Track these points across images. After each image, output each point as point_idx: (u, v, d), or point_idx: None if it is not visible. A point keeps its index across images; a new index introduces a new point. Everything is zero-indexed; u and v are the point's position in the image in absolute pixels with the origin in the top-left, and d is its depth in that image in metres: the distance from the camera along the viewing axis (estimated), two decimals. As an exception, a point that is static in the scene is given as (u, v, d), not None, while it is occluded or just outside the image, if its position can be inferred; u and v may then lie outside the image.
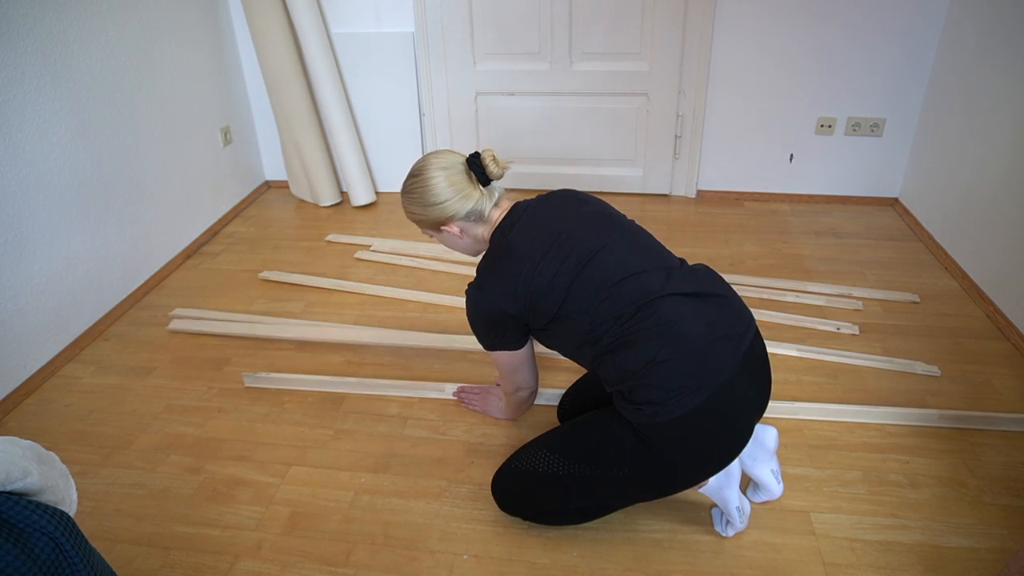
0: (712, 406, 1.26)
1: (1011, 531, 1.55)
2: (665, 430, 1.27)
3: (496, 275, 1.42)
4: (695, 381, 1.25)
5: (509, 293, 1.39)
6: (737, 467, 1.50)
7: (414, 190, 1.44)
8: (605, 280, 1.34)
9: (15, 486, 0.84)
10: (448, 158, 1.45)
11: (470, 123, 3.26)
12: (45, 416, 2.03)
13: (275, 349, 2.27)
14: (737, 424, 1.31)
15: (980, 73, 2.46)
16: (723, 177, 3.21)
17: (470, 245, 1.53)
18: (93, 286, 2.38)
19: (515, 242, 1.42)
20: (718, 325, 1.31)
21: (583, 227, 1.41)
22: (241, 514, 1.67)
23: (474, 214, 1.45)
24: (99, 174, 2.38)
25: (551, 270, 1.36)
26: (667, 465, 1.32)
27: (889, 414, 1.88)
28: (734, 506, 1.49)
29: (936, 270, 2.60)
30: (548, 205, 1.48)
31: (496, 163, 1.45)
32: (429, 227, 1.49)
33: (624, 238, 1.41)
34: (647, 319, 1.30)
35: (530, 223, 1.43)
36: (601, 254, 1.37)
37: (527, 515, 1.58)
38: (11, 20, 2.01)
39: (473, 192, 1.44)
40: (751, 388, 1.32)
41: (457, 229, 1.47)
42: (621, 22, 2.93)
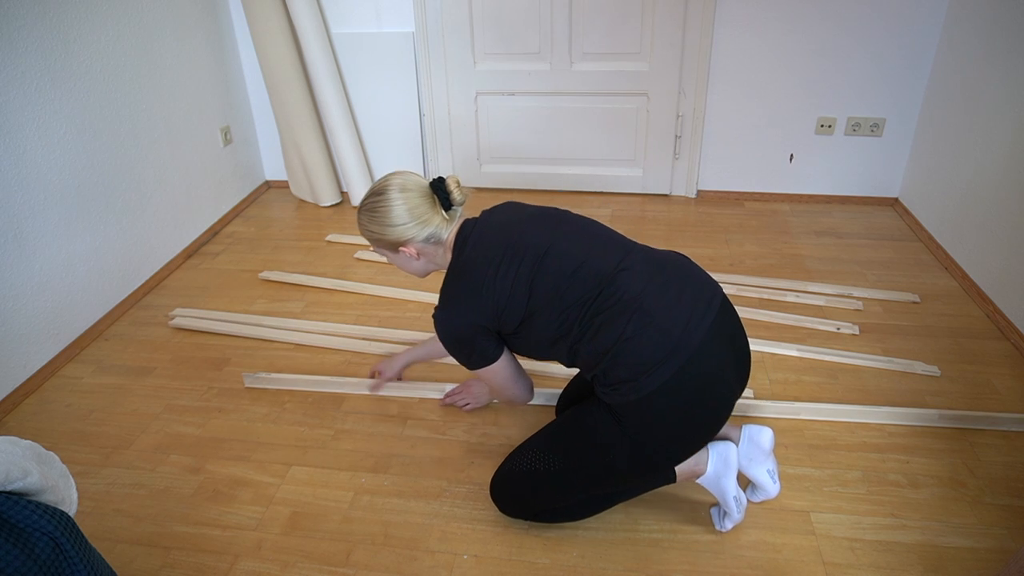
0: (686, 376, 1.27)
1: (1011, 531, 1.55)
2: (643, 407, 1.29)
3: (459, 294, 1.41)
4: (664, 354, 1.26)
5: (476, 307, 1.39)
6: (735, 457, 1.50)
7: (375, 210, 1.42)
8: (562, 271, 1.36)
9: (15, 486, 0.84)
10: (412, 180, 1.44)
11: (470, 123, 3.26)
12: (45, 416, 2.03)
13: (275, 349, 2.27)
14: (715, 392, 1.31)
15: (980, 73, 2.46)
16: (723, 177, 3.21)
17: (423, 267, 1.52)
18: (93, 286, 2.38)
19: (471, 257, 1.41)
20: (682, 296, 1.32)
21: (532, 228, 1.42)
22: (241, 514, 1.67)
23: (432, 238, 1.44)
24: (99, 174, 2.38)
25: (510, 275, 1.37)
26: (653, 443, 1.33)
27: (889, 414, 1.88)
28: (731, 496, 1.50)
29: (936, 270, 2.60)
30: (494, 216, 1.49)
31: (460, 189, 1.45)
32: (385, 247, 1.47)
33: (574, 230, 1.43)
34: (610, 298, 1.32)
35: (481, 237, 1.43)
36: (554, 248, 1.38)
37: (528, 515, 1.58)
38: (11, 20, 2.01)
39: (434, 217, 1.43)
40: (727, 355, 1.33)
41: (414, 251, 1.46)
42: (621, 22, 2.93)
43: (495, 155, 3.33)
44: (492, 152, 3.32)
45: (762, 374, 2.06)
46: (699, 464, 1.50)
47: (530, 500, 1.54)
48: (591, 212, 3.15)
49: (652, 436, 1.32)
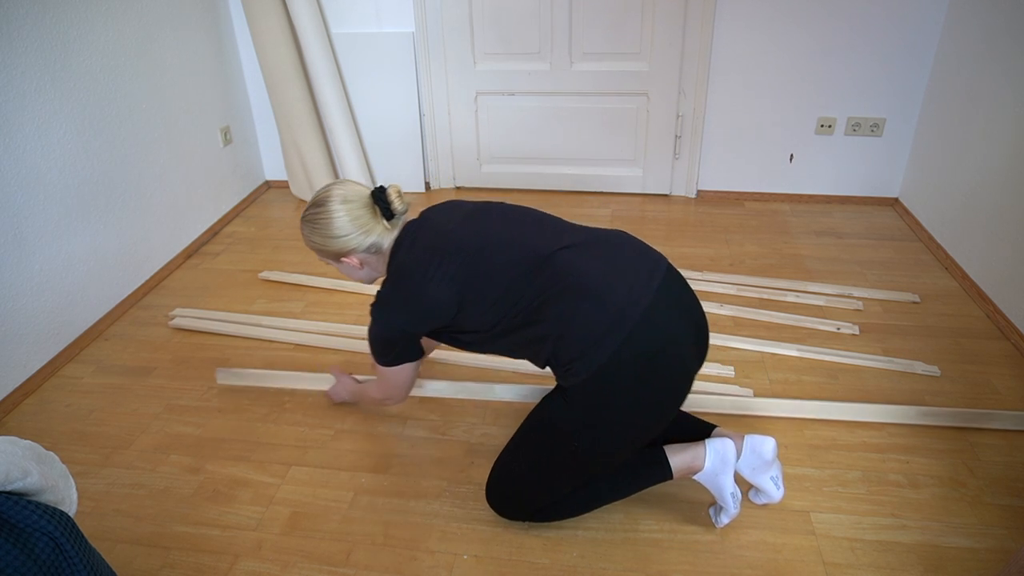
0: (634, 346, 1.28)
1: (1011, 531, 1.55)
2: (598, 383, 1.30)
3: (393, 299, 1.44)
4: (608, 325, 1.28)
5: (407, 313, 1.43)
6: (732, 454, 1.49)
7: (317, 220, 1.44)
8: (497, 263, 1.38)
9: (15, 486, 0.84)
10: (353, 190, 1.45)
11: (470, 123, 3.26)
12: (45, 416, 2.03)
13: (275, 349, 2.27)
14: (668, 361, 1.32)
15: (980, 73, 2.46)
16: (723, 177, 3.21)
17: (368, 275, 1.55)
18: (93, 286, 2.38)
19: (404, 262, 1.44)
20: (624, 268, 1.34)
21: (465, 227, 1.44)
22: (241, 514, 1.67)
23: (374, 247, 1.46)
24: (99, 174, 2.38)
25: (441, 277, 1.39)
26: (613, 421, 1.35)
27: (885, 411, 1.88)
28: (728, 492, 1.50)
29: (936, 270, 2.60)
30: (431, 219, 1.50)
31: (400, 199, 1.46)
32: (328, 257, 1.50)
33: (508, 220, 1.46)
34: (549, 279, 1.34)
35: (415, 241, 1.45)
36: (488, 242, 1.40)
37: (524, 516, 1.58)
38: (11, 20, 2.01)
39: (375, 227, 1.45)
40: (677, 323, 1.34)
41: (357, 261, 1.49)
42: (621, 22, 2.93)
43: (495, 155, 3.33)
44: (492, 152, 3.32)
45: (762, 374, 2.06)
46: (696, 460, 1.49)
47: (519, 499, 1.54)
48: (591, 212, 3.15)
49: (611, 413, 1.34)
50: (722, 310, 2.36)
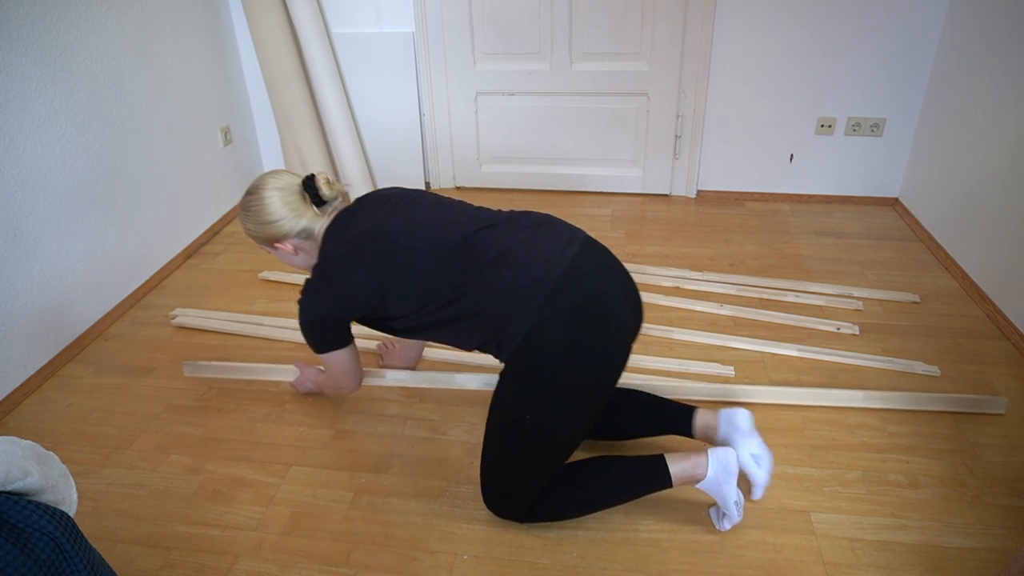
0: (557, 305, 1.33)
1: (1011, 531, 1.55)
2: (530, 347, 1.35)
3: (318, 286, 1.50)
4: (529, 287, 1.34)
5: (330, 299, 1.49)
6: (735, 463, 1.49)
7: (250, 207, 1.52)
8: (417, 246, 1.44)
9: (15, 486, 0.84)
10: (284, 179, 1.54)
11: (470, 123, 3.26)
12: (45, 416, 2.03)
13: (275, 349, 2.27)
14: (596, 313, 1.36)
15: (980, 73, 2.46)
16: (723, 177, 3.21)
17: (303, 261, 1.61)
18: (93, 286, 2.38)
19: (330, 251, 1.52)
20: (541, 238, 1.42)
21: (385, 215, 1.51)
22: (241, 514, 1.67)
23: (305, 232, 1.54)
24: (99, 174, 2.38)
25: (363, 263, 1.45)
26: (556, 382, 1.36)
27: (867, 397, 1.91)
28: (732, 500, 1.50)
29: (936, 270, 2.60)
30: (358, 211, 1.55)
31: (329, 186, 1.53)
32: (264, 243, 1.57)
33: (431, 205, 1.53)
34: (467, 258, 1.40)
35: (343, 230, 1.52)
36: (409, 226, 1.47)
37: (518, 515, 1.56)
38: (11, 20, 2.01)
39: (306, 212, 1.53)
40: (600, 277, 1.40)
41: (291, 247, 1.56)
42: (621, 22, 2.93)
43: (495, 155, 3.33)
44: (492, 152, 3.32)
45: (762, 374, 2.06)
46: (697, 468, 1.49)
47: (507, 496, 1.55)
48: (591, 212, 3.15)
49: (550, 376, 1.36)
50: (722, 310, 2.36)
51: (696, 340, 2.21)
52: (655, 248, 2.82)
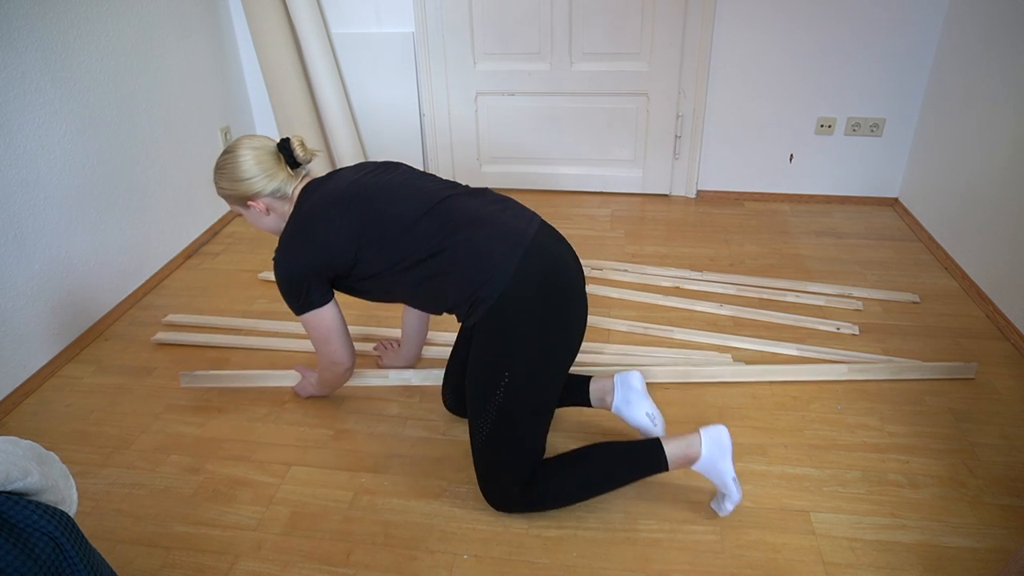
0: (530, 264, 1.42)
1: (1011, 531, 1.55)
2: (505, 305, 1.41)
3: (294, 240, 1.54)
4: (506, 245, 1.42)
5: (307, 253, 1.53)
6: (727, 438, 1.51)
7: (225, 166, 1.56)
8: (393, 206, 1.49)
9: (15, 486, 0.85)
10: (260, 140, 1.58)
11: (470, 123, 3.26)
12: (45, 416, 2.03)
13: (274, 348, 2.26)
14: (562, 277, 1.46)
15: (980, 73, 2.46)
16: (723, 177, 3.21)
17: (274, 223, 1.63)
18: (93, 286, 2.38)
19: (306, 210, 1.56)
20: (507, 211, 1.51)
21: (362, 176, 1.57)
22: (241, 514, 1.67)
23: (278, 192, 1.58)
24: (99, 174, 2.38)
25: (339, 223, 1.50)
26: (530, 341, 1.43)
27: (852, 370, 2.00)
28: (730, 477, 1.51)
29: (936, 270, 2.60)
30: (336, 175, 1.62)
31: (304, 149, 1.59)
32: (236, 202, 1.60)
33: (402, 172, 1.60)
34: (443, 217, 1.46)
35: (317, 191, 1.57)
36: (385, 188, 1.53)
37: (516, 502, 1.57)
38: (11, 20, 2.01)
39: (279, 173, 1.57)
40: (559, 246, 1.50)
41: (263, 206, 1.59)
42: (621, 22, 2.93)
43: (495, 155, 3.33)
44: (492, 152, 3.32)
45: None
46: (691, 447, 1.51)
47: (499, 479, 1.55)
48: (591, 212, 3.15)
49: (524, 333, 1.43)
50: (722, 310, 2.36)
51: (696, 340, 2.21)
52: (655, 248, 2.82)
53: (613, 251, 2.80)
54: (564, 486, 1.55)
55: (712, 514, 1.61)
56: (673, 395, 1.99)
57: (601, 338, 2.24)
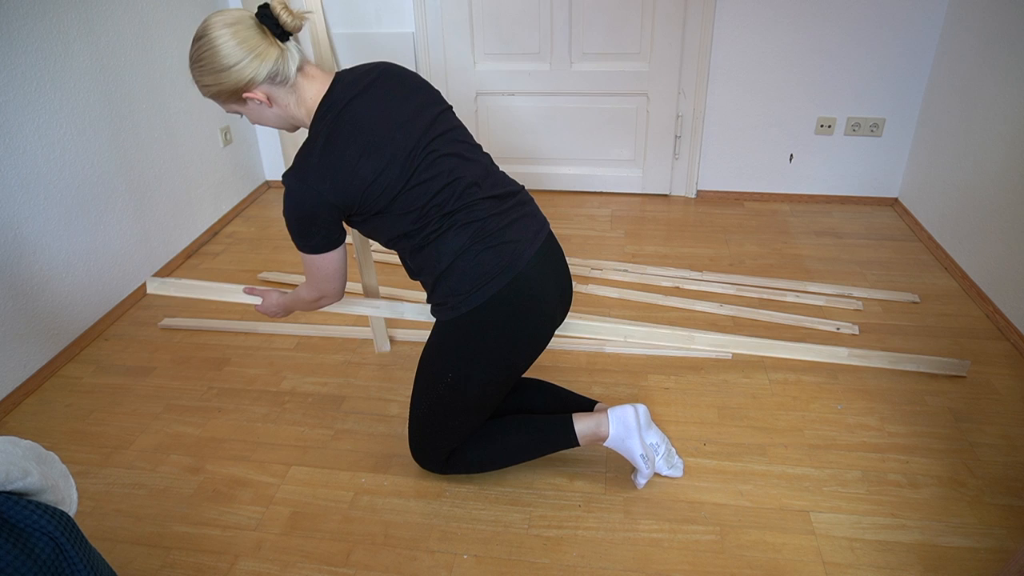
0: (511, 293, 1.40)
1: (1011, 531, 1.55)
2: (470, 321, 1.41)
3: (319, 166, 1.31)
4: (497, 270, 1.39)
5: (333, 187, 1.31)
6: (633, 419, 1.58)
7: (201, 56, 1.28)
8: (433, 179, 1.37)
9: (15, 486, 0.84)
10: (234, 14, 1.28)
11: (470, 123, 3.26)
12: (45, 416, 2.03)
13: (274, 348, 2.27)
14: (536, 312, 1.46)
15: (980, 73, 2.46)
16: (723, 177, 3.21)
17: (279, 116, 1.39)
18: (93, 286, 2.38)
19: (338, 130, 1.32)
20: (518, 222, 1.45)
21: (410, 125, 1.37)
22: (241, 514, 1.67)
23: (279, 76, 1.31)
24: (99, 174, 2.38)
25: (377, 166, 1.32)
26: (483, 357, 1.46)
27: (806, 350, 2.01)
28: (638, 454, 1.59)
29: (936, 270, 2.60)
30: (370, 90, 1.37)
31: (289, 12, 1.30)
32: (229, 99, 1.33)
33: (449, 139, 1.42)
34: (464, 211, 1.39)
35: (352, 108, 1.34)
36: (428, 150, 1.37)
37: (438, 466, 1.67)
38: (11, 20, 2.01)
39: (270, 50, 1.28)
40: (549, 280, 1.47)
41: (262, 95, 1.32)
42: (621, 22, 2.93)
43: (495, 155, 3.33)
44: (492, 152, 3.32)
45: (762, 374, 2.06)
46: (600, 427, 1.59)
47: (425, 446, 1.64)
48: (591, 212, 3.15)
49: (479, 350, 1.45)
50: (722, 310, 2.36)
51: (696, 340, 2.22)
52: (655, 248, 2.82)
53: (613, 251, 2.80)
54: (481, 456, 1.64)
55: (712, 514, 1.61)
56: (673, 395, 1.99)
57: (601, 336, 2.24)
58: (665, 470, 1.68)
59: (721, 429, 1.86)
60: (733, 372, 2.07)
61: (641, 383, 2.04)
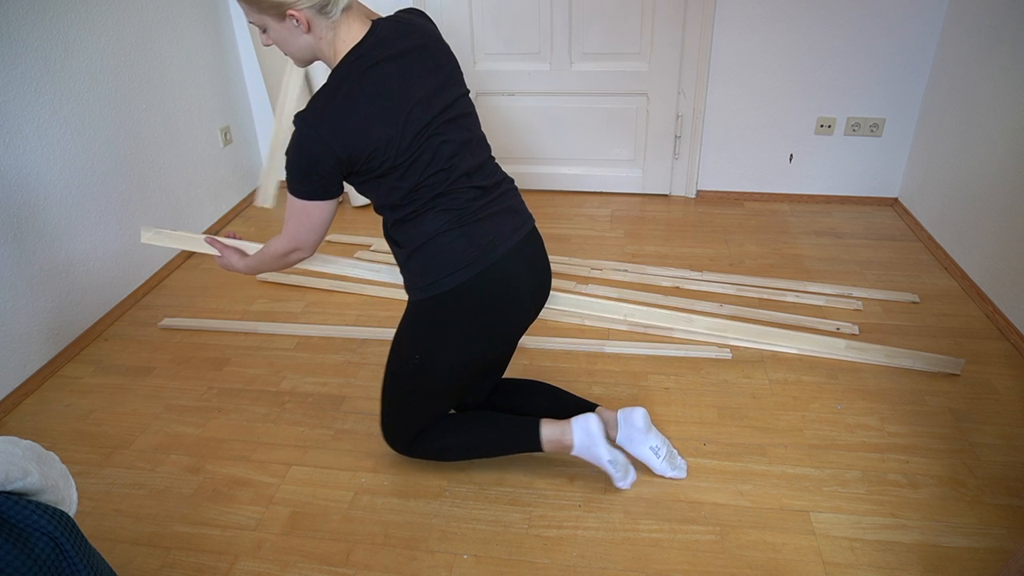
0: (481, 283, 1.41)
1: (1011, 531, 1.55)
2: (438, 305, 1.43)
3: (336, 118, 1.26)
4: (467, 260, 1.39)
5: (344, 142, 1.27)
6: (597, 426, 1.58)
7: None
8: (432, 161, 1.35)
9: (15, 486, 0.84)
10: None
11: (470, 123, 3.26)
12: (45, 416, 2.03)
13: (274, 348, 2.27)
14: (507, 304, 1.46)
15: (979, 73, 2.46)
16: (723, 177, 3.21)
17: (308, 47, 1.31)
18: (93, 286, 2.38)
19: (364, 81, 1.28)
20: (500, 215, 1.45)
21: (428, 104, 1.34)
22: (241, 514, 1.67)
23: (328, 6, 1.24)
24: (99, 174, 2.38)
25: (389, 135, 1.29)
26: (450, 343, 1.47)
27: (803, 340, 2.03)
28: (606, 460, 1.59)
29: (936, 270, 2.60)
30: (406, 63, 1.33)
31: None
32: (268, 10, 1.24)
33: (459, 125, 1.42)
34: (446, 198, 1.39)
35: (384, 76, 1.29)
36: (440, 130, 1.36)
37: (406, 447, 1.68)
38: (11, 20, 2.01)
39: None
40: (523, 273, 1.47)
41: (304, 18, 1.24)
42: (621, 22, 2.93)
43: (495, 155, 3.32)
44: (492, 152, 3.32)
45: (762, 374, 2.06)
46: (564, 436, 1.60)
47: (394, 425, 1.66)
48: (591, 212, 3.15)
49: (447, 335, 1.46)
50: (722, 310, 2.36)
51: (696, 339, 2.21)
52: (655, 248, 2.82)
53: (613, 251, 2.80)
54: (445, 445, 1.67)
55: (712, 514, 1.61)
56: (673, 395, 1.99)
57: (601, 335, 2.24)
58: (669, 472, 1.69)
59: (721, 429, 1.86)
60: (733, 372, 2.08)
61: (641, 383, 2.04)
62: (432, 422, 1.65)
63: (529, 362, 2.14)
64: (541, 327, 2.31)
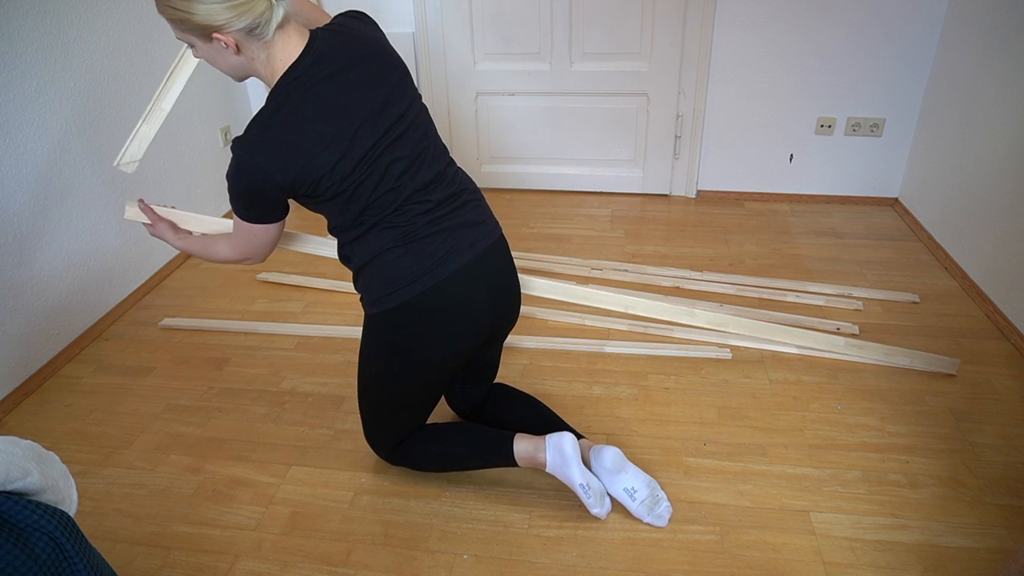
0: (428, 300, 1.39)
1: (1011, 531, 1.55)
2: (388, 320, 1.42)
3: (275, 146, 1.22)
4: (413, 278, 1.37)
5: (284, 170, 1.23)
6: (572, 447, 1.54)
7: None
8: (381, 182, 1.32)
9: (15, 486, 0.84)
10: None
11: (470, 123, 3.26)
12: (45, 416, 2.03)
13: (274, 348, 2.27)
14: (459, 318, 1.43)
15: (979, 73, 2.46)
16: (723, 177, 3.21)
17: (239, 66, 1.26)
18: (93, 286, 2.38)
19: (306, 100, 1.23)
20: (456, 230, 1.41)
21: (374, 122, 1.29)
22: (241, 514, 1.67)
23: (258, 28, 1.18)
24: (99, 174, 2.38)
25: (333, 160, 1.25)
26: (402, 355, 1.47)
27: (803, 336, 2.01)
28: (577, 483, 1.54)
29: (936, 270, 2.60)
30: (347, 79, 1.27)
31: None
32: (192, 31, 1.18)
33: (408, 139, 1.35)
34: (394, 216, 1.36)
35: (325, 98, 1.24)
36: (388, 149, 1.31)
37: (388, 454, 1.69)
38: (11, 20, 2.01)
39: (258, 3, 1.16)
40: (479, 287, 1.44)
41: (231, 41, 1.19)
42: (621, 22, 2.93)
43: (495, 155, 3.33)
44: (492, 152, 3.32)
45: (762, 374, 2.06)
46: (538, 453, 1.57)
47: (371, 431, 1.68)
48: (591, 212, 3.15)
49: (398, 347, 1.46)
50: (722, 310, 2.36)
51: (696, 338, 2.21)
52: (655, 248, 2.82)
53: (613, 251, 2.80)
54: (424, 454, 1.67)
55: (712, 514, 1.61)
56: (673, 396, 1.99)
57: (601, 336, 2.24)
58: (646, 517, 1.58)
59: (721, 429, 1.86)
60: (733, 372, 2.07)
61: (641, 383, 2.04)
62: (410, 431, 1.65)
63: (529, 362, 2.14)
64: (541, 327, 2.31)
